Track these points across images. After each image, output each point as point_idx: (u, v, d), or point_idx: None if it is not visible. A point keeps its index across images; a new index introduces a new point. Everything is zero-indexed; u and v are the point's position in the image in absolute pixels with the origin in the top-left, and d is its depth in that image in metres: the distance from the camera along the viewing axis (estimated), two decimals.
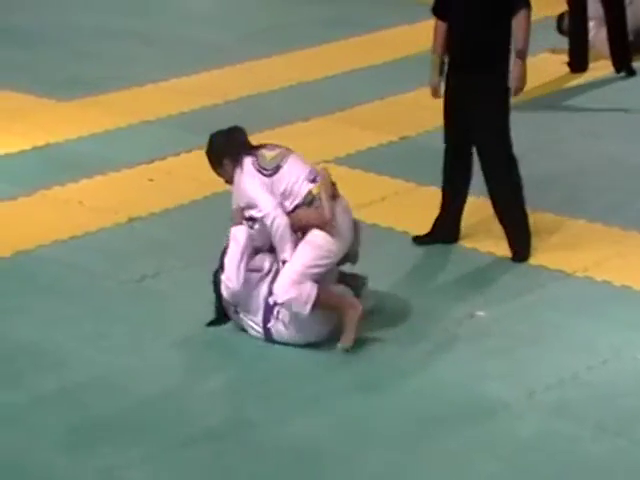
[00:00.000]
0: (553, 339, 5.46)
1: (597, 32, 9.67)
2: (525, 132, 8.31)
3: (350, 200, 6.97)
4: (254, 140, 8.10)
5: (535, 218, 6.79)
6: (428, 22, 6.36)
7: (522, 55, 6.16)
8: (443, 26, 6.27)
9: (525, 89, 6.33)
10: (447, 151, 6.42)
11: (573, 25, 9.51)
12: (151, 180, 7.34)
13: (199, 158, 7.77)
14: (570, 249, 6.38)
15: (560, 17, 9.98)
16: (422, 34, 10.22)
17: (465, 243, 6.46)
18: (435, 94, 6.36)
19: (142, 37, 10.74)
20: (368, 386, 5.12)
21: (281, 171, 5.44)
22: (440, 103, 6.31)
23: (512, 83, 6.18)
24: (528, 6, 6.15)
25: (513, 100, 8.89)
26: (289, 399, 5.00)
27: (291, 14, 11.82)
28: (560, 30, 9.97)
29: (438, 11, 6.30)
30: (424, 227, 6.62)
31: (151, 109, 8.69)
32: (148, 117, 8.51)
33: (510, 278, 6.08)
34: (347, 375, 5.20)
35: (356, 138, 7.95)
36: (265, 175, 5.44)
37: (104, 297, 5.90)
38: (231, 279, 5.27)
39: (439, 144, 7.94)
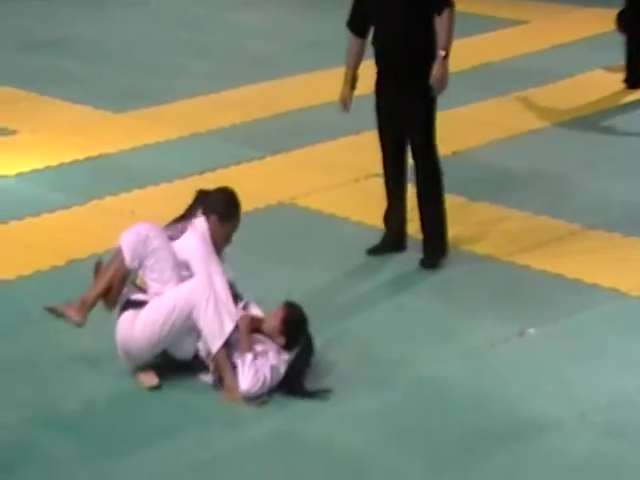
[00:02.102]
0: (606, 359, 5.41)
1: None
2: (576, 149, 8.30)
3: None
4: (304, 153, 8.21)
5: (588, 236, 6.76)
6: (480, 36, 6.35)
7: (445, 55, 6.05)
8: (359, 42, 6.31)
9: (577, 106, 6.31)
10: (387, 163, 6.47)
11: (629, 43, 9.45)
12: None
13: (249, 170, 7.88)
14: (624, 268, 6.32)
15: (621, 13, 9.84)
16: (473, 48, 10.26)
17: (517, 260, 6.43)
18: (345, 107, 6.40)
19: (195, 50, 10.84)
20: (415, 401, 5.11)
21: None
22: (492, 118, 6.31)
23: (434, 83, 6.09)
24: (451, 5, 6.06)
25: (566, 117, 8.88)
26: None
27: (341, 28, 11.84)
28: (620, 26, 9.82)
29: (354, 27, 6.33)
30: (477, 243, 6.60)
31: (202, 121, 8.75)
32: (199, 129, 8.57)
33: (562, 296, 6.03)
34: (395, 391, 5.18)
35: None
36: None
37: None
38: None
39: (490, 159, 7.96)
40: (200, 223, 5.34)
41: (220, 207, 5.36)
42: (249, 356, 5.06)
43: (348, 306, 5.93)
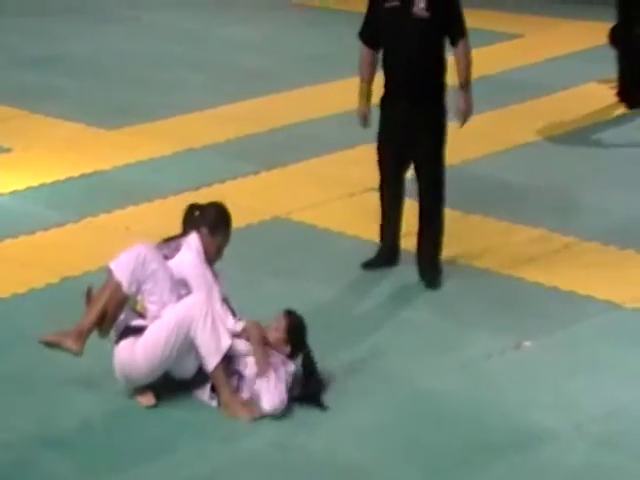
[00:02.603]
0: (601, 370, 5.41)
1: None
2: (571, 162, 8.31)
3: None
4: (300, 167, 8.21)
5: (583, 249, 6.76)
6: (474, 49, 6.35)
7: (467, 86, 6.07)
8: (371, 54, 6.19)
9: (572, 118, 6.30)
10: (385, 179, 6.37)
11: (621, 58, 9.46)
12: None
13: (244, 185, 7.88)
14: (618, 279, 6.32)
15: (614, 28, 9.87)
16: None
17: (513, 272, 6.42)
18: (365, 122, 6.31)
19: (189, 65, 10.86)
20: (412, 413, 5.10)
21: None
22: (488, 131, 6.31)
23: (459, 115, 6.10)
24: (466, 35, 6.08)
25: (562, 130, 8.84)
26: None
27: (335, 42, 11.88)
28: (612, 40, 9.84)
29: (366, 38, 6.20)
30: (472, 256, 6.60)
31: (197, 136, 8.76)
32: (194, 144, 8.58)
33: (557, 308, 6.03)
34: (392, 403, 5.17)
35: None
36: None
37: None
38: None
39: (486, 172, 7.97)
40: (192, 238, 5.34)
41: (211, 220, 5.37)
42: (272, 375, 5.06)
43: (344, 319, 5.93)
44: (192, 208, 5.50)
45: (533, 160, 8.29)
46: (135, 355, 5.09)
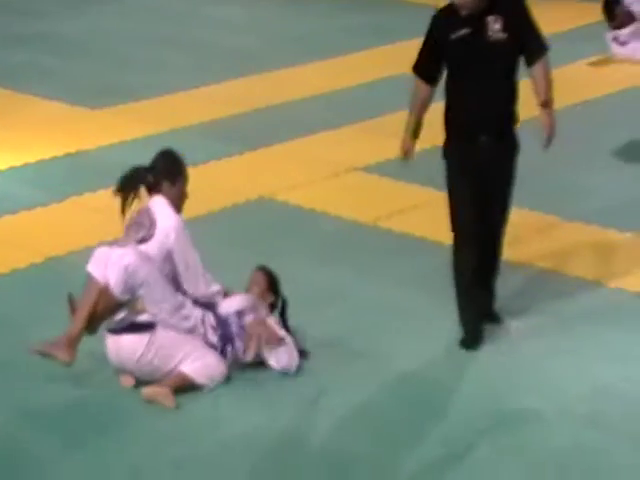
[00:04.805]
0: (587, 350, 5.42)
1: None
2: (554, 142, 8.29)
3: (380, 209, 7.03)
4: (284, 148, 8.21)
5: (568, 229, 6.77)
6: None
7: (550, 104, 5.72)
8: (427, 90, 5.63)
9: (558, 99, 6.16)
10: (464, 226, 5.57)
11: None
12: None
13: (229, 165, 7.86)
14: (604, 260, 6.34)
15: (607, 3, 9.77)
16: None
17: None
18: (408, 158, 5.73)
19: (174, 45, 10.82)
20: (398, 396, 5.10)
21: None
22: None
23: (545, 132, 5.75)
24: (547, 52, 5.67)
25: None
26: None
27: (321, 22, 11.86)
28: (609, 14, 9.74)
29: (423, 73, 5.66)
30: None
31: (182, 117, 8.73)
32: (179, 125, 8.55)
33: (543, 289, 6.04)
34: (378, 386, 5.18)
35: (386, 146, 7.92)
36: None
37: None
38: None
39: None
40: (159, 203, 5.22)
41: (166, 171, 5.27)
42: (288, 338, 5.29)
43: (330, 301, 5.92)
44: (138, 171, 5.32)
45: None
46: (154, 356, 5.08)
